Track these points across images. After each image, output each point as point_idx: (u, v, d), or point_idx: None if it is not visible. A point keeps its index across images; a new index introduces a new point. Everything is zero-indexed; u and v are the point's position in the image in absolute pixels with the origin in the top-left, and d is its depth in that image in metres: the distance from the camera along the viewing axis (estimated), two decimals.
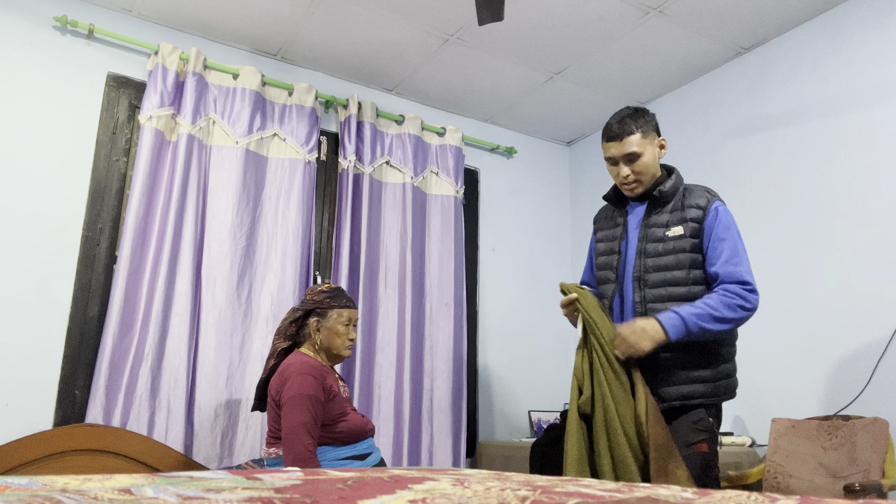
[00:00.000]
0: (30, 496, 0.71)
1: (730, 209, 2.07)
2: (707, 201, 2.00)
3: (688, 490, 0.91)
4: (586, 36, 3.19)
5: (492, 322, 3.82)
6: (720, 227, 1.96)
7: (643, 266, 2.01)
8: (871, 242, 2.63)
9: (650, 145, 2.04)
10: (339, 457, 2.17)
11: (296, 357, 2.24)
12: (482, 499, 0.82)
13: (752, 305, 1.91)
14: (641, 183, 2.05)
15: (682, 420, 1.91)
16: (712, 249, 1.96)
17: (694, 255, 1.97)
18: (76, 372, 2.65)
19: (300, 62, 3.45)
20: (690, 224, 1.98)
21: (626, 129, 2.02)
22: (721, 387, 1.95)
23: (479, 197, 3.96)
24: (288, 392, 2.11)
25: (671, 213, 2.03)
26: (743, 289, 1.90)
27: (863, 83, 2.78)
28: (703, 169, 3.42)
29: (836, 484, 2.33)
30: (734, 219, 2.02)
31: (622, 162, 2.04)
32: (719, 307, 1.87)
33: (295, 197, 3.15)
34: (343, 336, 2.32)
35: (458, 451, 3.30)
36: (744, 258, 1.96)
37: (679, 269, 1.97)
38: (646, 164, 2.03)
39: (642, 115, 2.07)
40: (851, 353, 2.62)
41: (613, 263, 2.09)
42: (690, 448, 1.86)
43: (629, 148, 2.01)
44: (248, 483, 0.92)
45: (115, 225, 2.86)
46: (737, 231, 1.99)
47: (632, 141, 2.01)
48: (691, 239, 1.97)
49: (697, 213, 1.99)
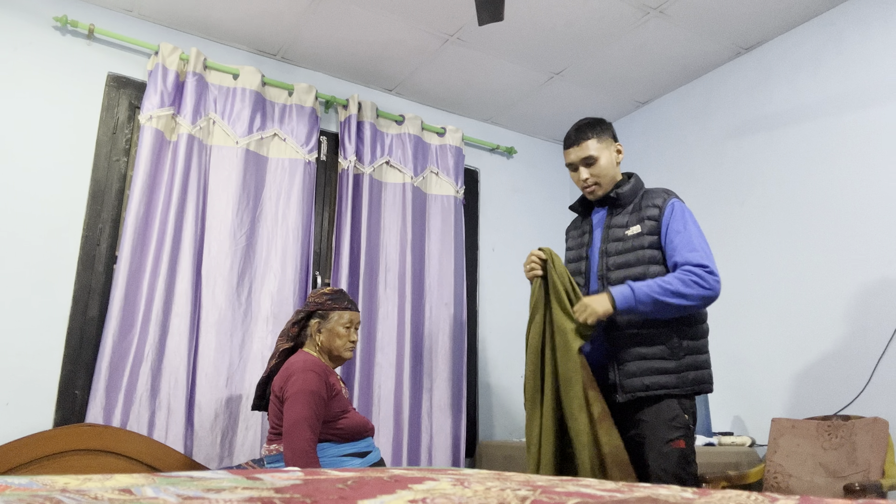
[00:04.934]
0: (30, 496, 0.71)
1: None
2: (664, 200, 2.10)
3: (688, 490, 0.91)
4: (586, 36, 3.19)
5: (492, 322, 3.82)
6: (676, 222, 2.05)
7: (605, 265, 2.11)
8: (872, 242, 2.63)
9: (606, 150, 2.18)
10: (339, 453, 2.18)
11: (300, 355, 2.27)
12: (482, 499, 0.82)
13: (709, 285, 1.96)
14: (600, 185, 2.18)
15: (657, 416, 1.96)
16: (669, 242, 2.04)
17: (652, 252, 2.06)
18: (76, 372, 2.65)
19: (300, 62, 3.45)
20: (648, 222, 2.08)
21: (583, 136, 2.17)
22: (688, 379, 1.99)
23: (479, 197, 3.96)
24: (291, 388, 2.13)
25: (631, 213, 2.14)
26: (701, 269, 1.96)
27: (862, 83, 2.78)
28: (703, 169, 3.42)
29: (836, 484, 2.33)
30: (692, 214, 2.10)
31: (581, 166, 2.18)
32: (673, 281, 1.95)
33: (295, 197, 3.15)
34: (343, 338, 2.34)
35: (458, 451, 3.30)
36: (701, 246, 2.02)
37: (638, 266, 2.06)
38: (603, 167, 2.16)
39: (599, 123, 2.22)
40: (851, 353, 2.62)
41: (582, 268, 2.21)
42: (668, 445, 1.92)
43: (586, 152, 2.16)
44: (248, 483, 0.92)
45: (115, 225, 2.86)
46: (694, 224, 2.07)
47: (588, 146, 2.16)
48: (649, 236, 2.07)
49: (654, 212, 2.08)
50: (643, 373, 1.99)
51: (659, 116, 3.77)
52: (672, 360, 1.99)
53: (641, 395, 1.98)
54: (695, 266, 1.96)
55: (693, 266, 1.96)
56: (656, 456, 1.92)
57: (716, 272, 1.98)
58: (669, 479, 1.87)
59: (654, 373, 1.98)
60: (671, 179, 3.53)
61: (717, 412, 3.06)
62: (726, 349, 3.07)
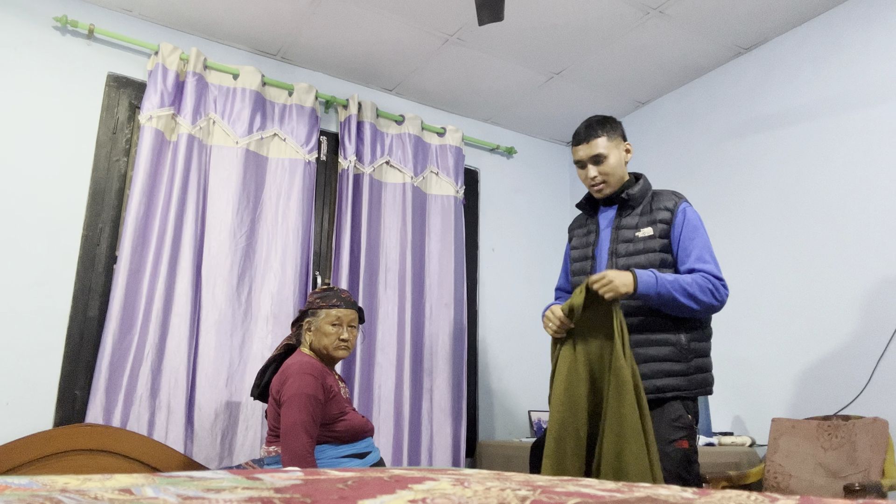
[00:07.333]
0: (30, 496, 0.71)
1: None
2: (675, 203, 2.09)
3: (688, 490, 0.91)
4: (586, 36, 3.19)
5: (492, 322, 3.82)
6: (688, 228, 2.05)
7: (615, 266, 2.09)
8: (871, 242, 2.63)
9: (616, 149, 2.16)
10: (338, 455, 2.18)
11: (296, 357, 2.26)
12: (482, 499, 0.82)
13: (721, 297, 1.98)
14: (608, 184, 2.16)
15: (660, 417, 1.97)
16: (683, 249, 2.04)
17: (663, 255, 2.05)
18: (76, 372, 2.65)
19: (300, 62, 3.45)
20: (659, 225, 2.07)
21: (593, 133, 2.15)
22: (695, 381, 2.00)
23: (479, 197, 3.96)
24: (288, 391, 2.13)
25: (640, 215, 2.12)
26: (718, 281, 1.99)
27: (862, 83, 2.78)
28: (703, 169, 3.42)
29: (836, 484, 2.33)
30: (701, 219, 2.11)
31: (590, 164, 2.15)
32: (693, 285, 1.95)
33: (295, 197, 3.15)
34: (332, 336, 2.28)
35: (458, 451, 3.30)
36: (713, 255, 2.04)
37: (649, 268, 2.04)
38: (612, 165, 2.14)
39: (609, 121, 2.19)
40: (851, 353, 2.62)
41: (587, 268, 2.18)
42: (671, 445, 1.93)
43: (595, 150, 2.13)
44: (248, 483, 0.92)
45: (115, 225, 2.86)
46: (704, 230, 2.08)
47: (598, 143, 2.13)
48: (660, 239, 2.06)
49: (666, 215, 2.08)
50: (654, 375, 1.98)
51: (659, 116, 3.77)
52: (681, 363, 1.99)
53: (652, 397, 1.97)
54: (713, 277, 1.98)
55: (711, 276, 1.98)
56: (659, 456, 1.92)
57: (727, 285, 2.01)
58: (672, 480, 1.87)
59: (665, 375, 1.98)
60: (671, 179, 3.53)
61: (717, 412, 3.05)
62: (727, 349, 3.06)
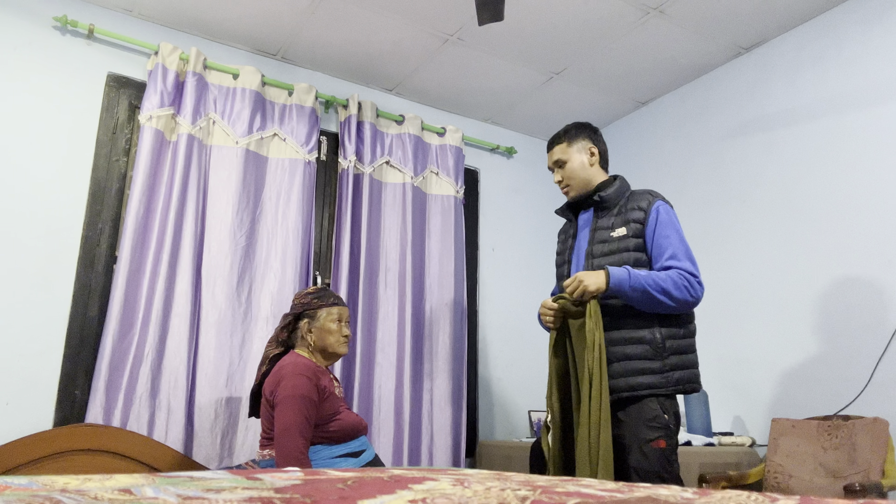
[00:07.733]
0: (30, 496, 0.71)
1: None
2: (648, 203, 2.13)
3: (688, 490, 0.91)
4: (586, 36, 3.19)
5: (492, 322, 3.82)
6: (661, 226, 2.08)
7: (591, 266, 2.14)
8: (871, 242, 2.63)
9: (578, 153, 2.26)
10: (332, 455, 2.17)
11: (290, 358, 2.25)
12: (482, 499, 0.82)
13: (695, 294, 2.02)
14: (571, 187, 2.27)
15: (637, 416, 1.98)
16: (657, 247, 2.07)
17: (637, 255, 2.09)
18: (76, 372, 2.65)
19: (300, 62, 3.45)
20: (633, 225, 2.11)
21: (556, 140, 2.30)
22: (672, 379, 2.01)
23: (479, 197, 3.96)
24: (281, 392, 2.11)
25: (616, 215, 2.17)
26: (693, 278, 2.02)
27: (862, 83, 2.78)
28: (703, 169, 3.42)
29: (836, 484, 2.33)
30: (676, 216, 2.13)
31: (555, 168, 2.30)
32: (667, 280, 1.99)
33: (295, 197, 3.15)
34: (336, 333, 2.32)
35: (458, 451, 3.30)
36: (688, 253, 2.07)
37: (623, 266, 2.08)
38: (572, 169, 2.25)
39: (575, 127, 2.31)
40: (851, 353, 2.62)
41: (564, 272, 2.27)
42: (648, 444, 1.94)
43: (556, 156, 2.29)
44: (248, 483, 0.92)
45: (115, 225, 2.86)
46: (679, 228, 2.11)
47: (557, 150, 2.29)
48: (634, 239, 2.10)
49: (639, 215, 2.11)
50: (628, 373, 2.01)
51: (659, 116, 3.77)
52: (657, 361, 2.00)
53: (626, 395, 2.00)
54: (688, 273, 2.01)
55: (686, 273, 2.01)
56: (637, 456, 1.94)
57: (702, 282, 2.04)
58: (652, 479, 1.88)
59: (639, 373, 2.00)
60: (671, 179, 3.53)
61: (717, 412, 3.06)
62: (726, 349, 3.07)
